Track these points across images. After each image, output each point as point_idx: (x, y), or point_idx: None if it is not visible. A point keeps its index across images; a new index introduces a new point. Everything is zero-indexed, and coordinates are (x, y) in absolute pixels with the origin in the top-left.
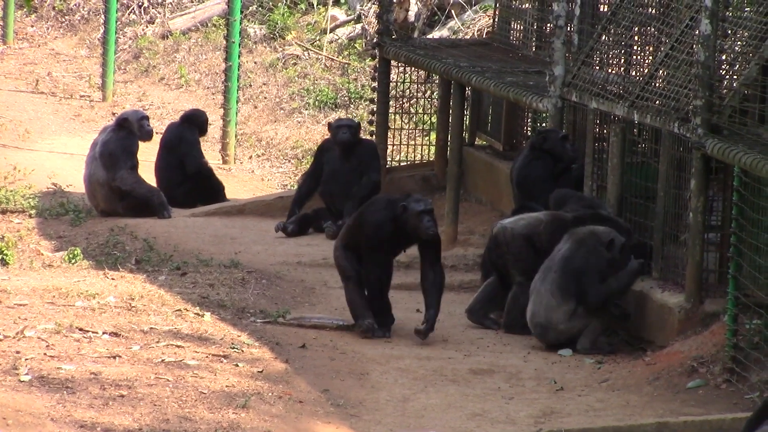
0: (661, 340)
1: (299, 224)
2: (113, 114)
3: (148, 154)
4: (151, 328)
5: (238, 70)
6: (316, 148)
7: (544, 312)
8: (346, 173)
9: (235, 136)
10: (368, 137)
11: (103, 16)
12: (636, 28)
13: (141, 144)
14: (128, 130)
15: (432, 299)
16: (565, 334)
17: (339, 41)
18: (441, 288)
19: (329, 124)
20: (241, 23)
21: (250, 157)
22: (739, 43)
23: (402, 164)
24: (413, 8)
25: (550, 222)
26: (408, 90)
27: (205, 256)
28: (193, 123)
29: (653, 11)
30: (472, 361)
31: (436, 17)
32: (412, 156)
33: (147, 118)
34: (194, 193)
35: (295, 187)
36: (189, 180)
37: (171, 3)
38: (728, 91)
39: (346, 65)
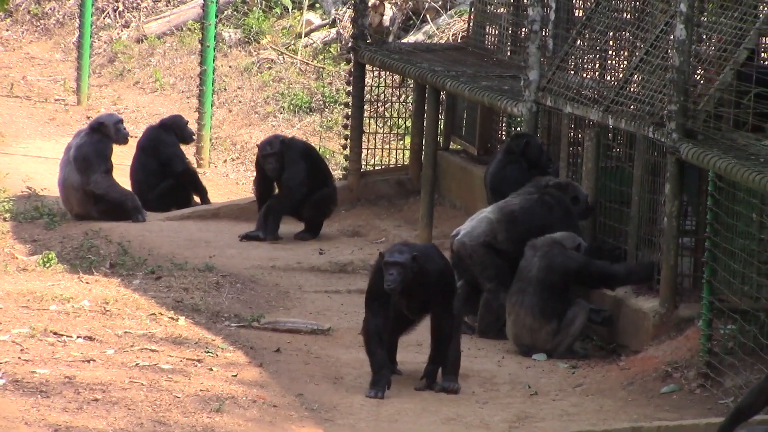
0: (635, 345)
1: None
2: (88, 118)
3: (122, 158)
4: (126, 332)
5: (213, 74)
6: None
7: (528, 335)
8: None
9: (210, 139)
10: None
11: (78, 20)
12: (611, 33)
13: (116, 148)
14: (103, 134)
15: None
16: (551, 348)
17: (314, 45)
18: (448, 344)
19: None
20: (216, 27)
21: (225, 161)
22: (713, 48)
23: (377, 168)
24: (388, 12)
25: (502, 219)
26: (383, 94)
27: (180, 259)
28: (171, 128)
29: (628, 16)
30: None
31: (411, 21)
32: (387, 160)
33: (122, 121)
34: (170, 197)
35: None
36: (175, 181)
37: (146, 7)
38: (703, 95)
39: (321, 69)
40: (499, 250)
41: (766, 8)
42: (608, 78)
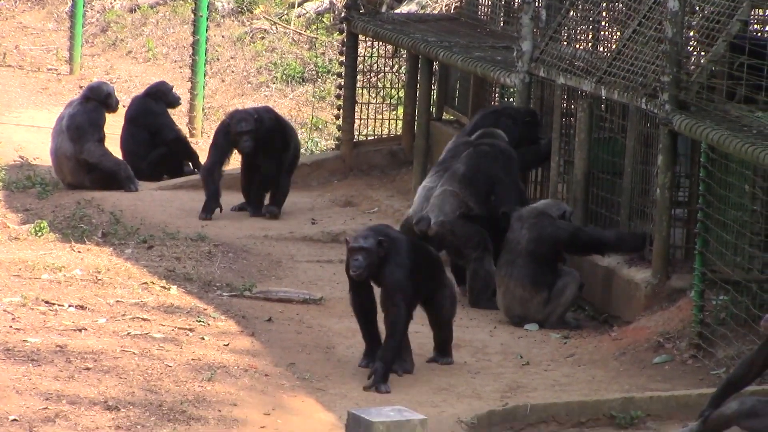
0: (627, 315)
1: None
2: (80, 87)
3: (113, 128)
4: (118, 301)
5: (206, 43)
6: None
7: (519, 306)
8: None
9: (203, 109)
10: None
11: None
12: (604, 4)
13: (109, 117)
14: (95, 103)
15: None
16: (543, 318)
17: (307, 15)
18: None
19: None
20: None
21: None
22: (706, 19)
23: (369, 138)
24: None
25: (463, 187)
26: (376, 64)
27: (172, 229)
28: (158, 95)
29: None
30: None
31: None
32: (380, 130)
33: (114, 91)
34: (162, 165)
35: None
36: (166, 149)
37: None
38: (696, 67)
39: (313, 39)
40: (474, 217)
41: None
42: (601, 49)
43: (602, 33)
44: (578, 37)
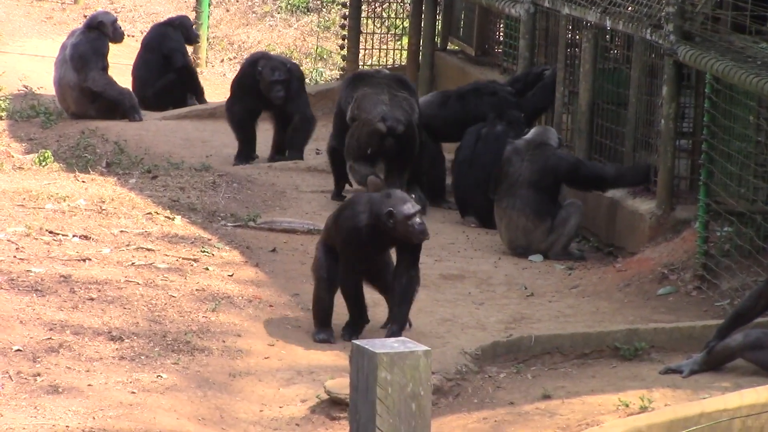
0: (631, 246)
1: None
2: (84, 17)
3: (119, 57)
4: (122, 231)
5: None
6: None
7: (523, 237)
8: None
9: (207, 39)
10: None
11: None
12: None
13: (112, 48)
14: (99, 32)
15: (400, 305)
16: (546, 248)
17: None
18: (412, 296)
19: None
20: None
21: (222, 61)
22: None
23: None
24: None
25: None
26: None
27: (176, 159)
28: (177, 26)
29: None
30: (443, 267)
31: None
32: (384, 61)
33: (117, 20)
34: (167, 94)
35: None
36: (174, 76)
37: None
38: None
39: None
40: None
41: None
42: None
43: None
44: None
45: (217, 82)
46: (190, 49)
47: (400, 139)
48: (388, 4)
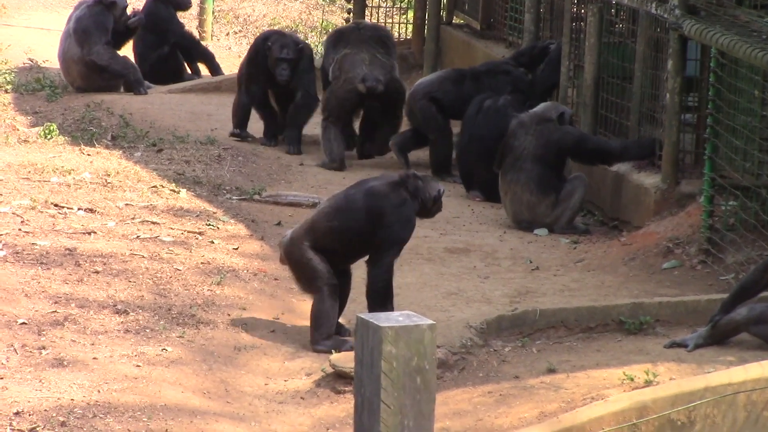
0: (636, 220)
1: None
2: None
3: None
4: (127, 204)
5: None
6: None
7: (527, 211)
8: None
9: (212, 12)
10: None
11: None
12: None
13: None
14: (102, 6)
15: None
16: (551, 222)
17: None
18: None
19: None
20: None
21: (227, 34)
22: None
23: None
24: None
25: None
26: None
27: (182, 132)
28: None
29: None
30: (448, 240)
31: None
32: None
33: (128, 5)
34: (160, 69)
35: None
36: (167, 50)
37: None
38: None
39: None
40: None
41: None
42: None
43: None
44: None
45: (222, 55)
46: (195, 21)
47: (380, 98)
48: None
